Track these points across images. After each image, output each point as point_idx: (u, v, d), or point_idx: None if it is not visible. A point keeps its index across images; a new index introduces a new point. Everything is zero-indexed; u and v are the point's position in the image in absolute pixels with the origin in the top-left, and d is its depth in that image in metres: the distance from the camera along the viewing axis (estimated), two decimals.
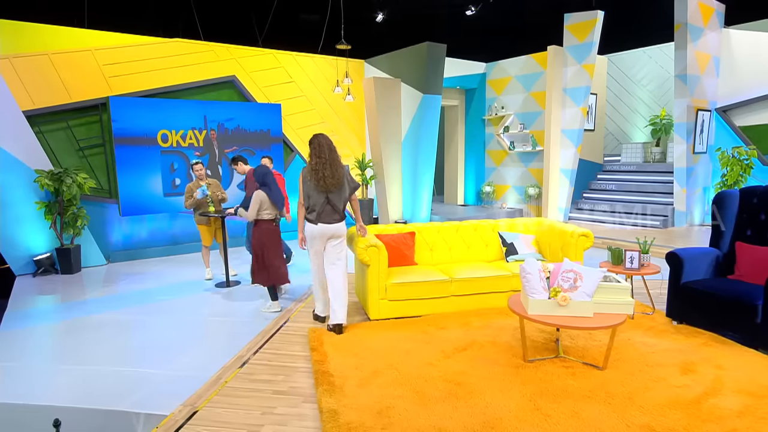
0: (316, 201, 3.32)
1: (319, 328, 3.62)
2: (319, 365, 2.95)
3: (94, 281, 5.58)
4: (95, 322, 4.10)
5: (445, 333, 3.48)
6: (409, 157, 8.39)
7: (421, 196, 8.65)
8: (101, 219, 6.54)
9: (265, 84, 7.77)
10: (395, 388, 2.66)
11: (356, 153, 8.94)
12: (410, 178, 8.47)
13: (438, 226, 4.55)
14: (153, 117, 6.57)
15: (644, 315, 3.73)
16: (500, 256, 4.51)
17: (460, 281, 3.88)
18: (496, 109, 9.85)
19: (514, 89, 9.52)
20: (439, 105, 8.37)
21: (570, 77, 8.12)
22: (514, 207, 9.79)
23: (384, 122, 7.97)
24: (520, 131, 9.40)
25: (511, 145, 9.65)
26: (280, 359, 3.17)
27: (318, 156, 3.29)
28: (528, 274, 2.91)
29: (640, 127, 10.25)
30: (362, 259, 3.67)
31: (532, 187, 9.26)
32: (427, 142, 8.41)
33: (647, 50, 9.93)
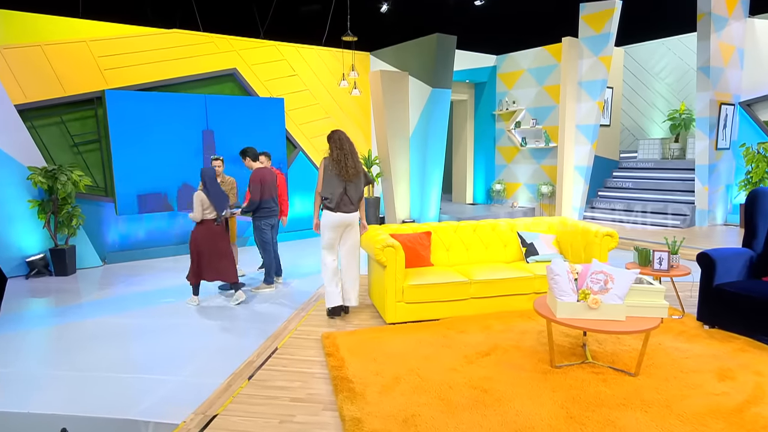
0: (335, 191, 3.63)
1: (333, 332, 3.61)
2: (337, 371, 2.94)
3: (90, 283, 5.56)
4: (92, 326, 4.08)
5: (466, 337, 3.47)
6: (417, 154, 8.38)
7: (429, 195, 8.63)
8: (97, 218, 6.51)
9: (267, 77, 7.75)
10: (419, 395, 2.64)
11: (362, 149, 8.92)
12: (418, 176, 8.46)
13: (455, 226, 4.54)
14: (151, 111, 6.54)
15: (673, 319, 3.71)
16: (519, 257, 4.50)
17: (479, 283, 3.87)
18: (507, 103, 9.84)
19: (526, 83, 9.51)
20: (449, 99, 8.36)
21: (585, 70, 8.11)
22: (526, 206, 9.79)
23: (391, 117, 7.96)
24: (532, 127, 9.38)
25: (523, 142, 9.64)
26: (295, 365, 3.16)
27: (340, 148, 3.66)
28: (556, 276, 2.89)
29: (657, 122, 10.24)
30: (379, 259, 3.66)
31: (545, 185, 9.24)
32: (436, 138, 8.39)
33: (666, 41, 9.91)
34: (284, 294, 5.00)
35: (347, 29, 7.03)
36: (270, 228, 4.96)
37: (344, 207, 3.61)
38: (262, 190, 4.78)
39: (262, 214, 4.87)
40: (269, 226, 4.94)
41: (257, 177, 4.79)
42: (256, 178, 4.79)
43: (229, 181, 5.45)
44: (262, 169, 4.91)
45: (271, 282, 5.04)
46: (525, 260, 4.38)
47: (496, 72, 10.13)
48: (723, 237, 6.87)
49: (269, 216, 4.93)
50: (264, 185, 4.82)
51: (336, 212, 3.60)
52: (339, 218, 3.63)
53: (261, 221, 4.88)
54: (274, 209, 4.95)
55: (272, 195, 4.90)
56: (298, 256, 6.67)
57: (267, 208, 4.88)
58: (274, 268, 5.07)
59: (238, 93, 7.54)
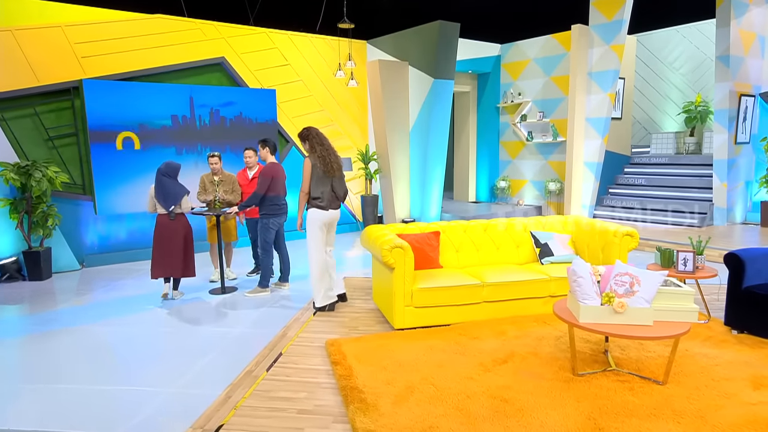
0: (324, 188, 3.81)
1: (338, 339, 3.59)
2: (345, 380, 2.92)
3: (67, 288, 5.49)
4: (70, 335, 4.02)
5: (480, 343, 3.47)
6: (417, 150, 8.37)
7: (430, 193, 8.63)
8: (74, 218, 6.42)
9: (257, 67, 7.70)
10: (435, 406, 2.63)
11: (359, 145, 8.89)
12: (419, 173, 8.46)
13: (465, 225, 4.54)
14: (132, 103, 6.47)
15: (699, 323, 3.74)
16: (533, 258, 4.51)
17: (492, 286, 3.87)
18: (512, 95, 9.86)
19: (533, 73, 9.54)
20: (452, 91, 8.35)
21: (596, 59, 8.15)
22: (533, 204, 9.82)
23: (390, 110, 7.94)
24: (539, 120, 9.41)
25: (529, 136, 9.67)
26: (299, 374, 3.13)
27: (321, 144, 3.81)
28: (579, 278, 2.89)
29: (671, 114, 10.33)
30: (386, 261, 3.64)
31: (553, 181, 9.28)
32: (438, 132, 8.38)
33: (681, 29, 9.98)
34: (280, 298, 4.97)
35: (343, 16, 7.00)
36: (277, 228, 4.93)
37: (333, 204, 3.83)
38: (271, 186, 4.75)
39: (271, 212, 4.83)
40: (277, 225, 4.91)
41: (270, 171, 4.78)
42: (268, 172, 4.77)
43: (229, 177, 5.44)
44: (276, 165, 4.88)
45: (266, 285, 5.00)
46: (539, 262, 4.38)
47: (500, 62, 10.15)
48: (744, 236, 6.94)
49: (279, 214, 4.89)
50: (275, 181, 4.79)
51: (327, 210, 3.81)
52: (330, 216, 3.87)
53: (270, 219, 4.83)
54: (284, 208, 4.92)
55: (282, 192, 4.87)
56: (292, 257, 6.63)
57: (277, 206, 4.84)
58: (270, 270, 5.03)
59: (227, 83, 7.47)
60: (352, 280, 5.46)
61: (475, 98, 10.67)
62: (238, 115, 7.35)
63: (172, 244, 4.71)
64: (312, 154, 3.75)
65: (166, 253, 4.70)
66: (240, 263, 6.28)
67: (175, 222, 4.73)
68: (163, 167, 4.70)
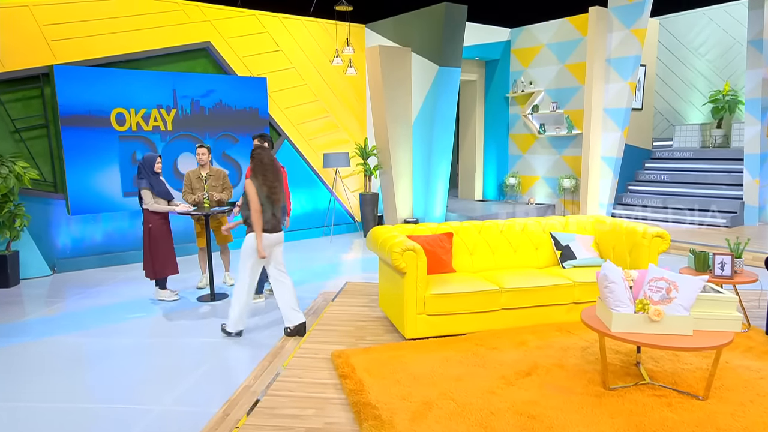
0: (267, 212, 3.99)
1: (345, 350, 3.58)
2: (356, 396, 2.91)
3: (37, 296, 5.44)
4: (41, 348, 3.98)
5: (500, 354, 3.47)
6: (420, 143, 8.37)
7: (435, 191, 8.63)
8: (44, 219, 6.36)
9: (246, 53, 7.66)
10: (457, 423, 2.62)
11: (357, 138, 8.88)
12: (422, 169, 8.46)
13: (479, 226, 4.55)
14: (109, 92, 6.42)
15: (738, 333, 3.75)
16: (553, 262, 4.52)
17: (511, 292, 3.88)
18: (522, 84, 9.88)
19: (546, 60, 9.56)
20: (458, 80, 8.35)
21: (616, 45, 8.19)
22: (545, 202, 9.86)
23: (391, 101, 7.94)
24: (552, 111, 9.43)
25: (541, 128, 9.69)
26: (305, 389, 3.12)
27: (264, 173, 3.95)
28: (611, 283, 2.90)
29: (696, 105, 10.39)
30: (397, 265, 3.64)
31: (568, 178, 9.32)
32: (443, 124, 8.38)
33: (707, 11, 10.03)
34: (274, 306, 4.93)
35: None
36: None
37: (277, 227, 4.05)
38: None
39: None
40: None
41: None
42: None
43: (218, 172, 5.42)
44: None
45: (260, 292, 4.98)
46: (561, 265, 4.40)
47: (510, 48, 10.17)
48: None
49: None
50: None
51: (271, 234, 4.00)
52: (276, 238, 4.05)
53: None
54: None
55: None
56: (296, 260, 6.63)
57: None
58: (264, 275, 5.01)
59: (213, 71, 7.43)
60: (355, 286, 5.45)
61: (483, 87, 10.68)
62: (224, 105, 7.31)
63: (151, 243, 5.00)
64: (255, 177, 3.94)
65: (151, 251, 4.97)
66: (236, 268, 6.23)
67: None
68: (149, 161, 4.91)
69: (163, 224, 4.98)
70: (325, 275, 6.11)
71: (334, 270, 6.42)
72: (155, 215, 4.91)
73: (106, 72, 6.40)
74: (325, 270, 6.39)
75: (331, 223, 8.56)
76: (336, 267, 6.61)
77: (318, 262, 6.81)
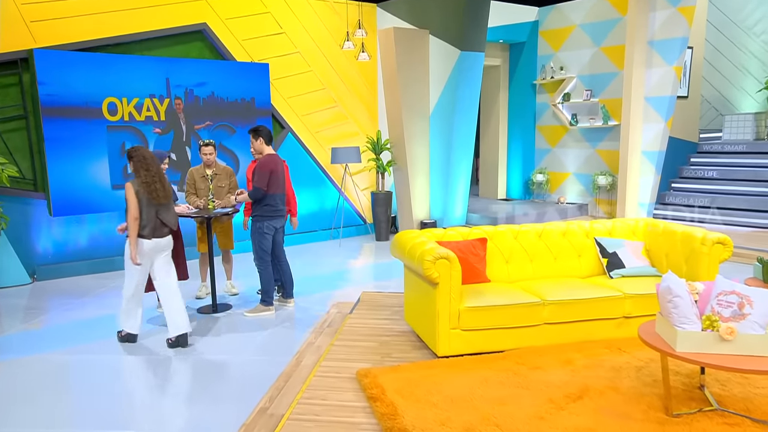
0: (148, 215, 4.23)
1: (371, 368, 3.60)
2: (390, 420, 2.93)
3: (15, 308, 5.46)
4: (21, 368, 3.98)
5: (544, 375, 3.49)
6: (439, 137, 8.39)
7: (455, 189, 8.66)
8: (24, 220, 6.39)
9: (246, 36, 7.68)
10: None
11: (368, 131, 8.90)
12: (441, 165, 8.48)
13: (515, 230, 4.57)
14: (96, 79, 6.45)
15: None
16: (598, 270, 4.54)
17: (554, 305, 3.90)
18: (552, 70, 9.88)
19: (579, 43, 9.56)
20: (482, 66, 8.38)
21: (660, 25, 8.18)
22: (576, 202, 9.88)
23: (407, 89, 7.95)
24: (585, 100, 9.44)
25: (573, 119, 9.70)
26: (330, 412, 3.14)
27: (146, 169, 4.20)
28: (675, 297, 2.91)
29: (749, 92, 10.35)
30: (429, 274, 3.65)
31: (603, 175, 9.32)
32: (465, 115, 8.40)
33: None
34: (287, 317, 4.98)
35: None
36: (273, 233, 4.94)
37: (158, 232, 4.28)
38: (270, 181, 4.79)
39: (264, 213, 4.86)
40: (273, 230, 4.92)
41: (267, 165, 4.82)
42: (265, 165, 4.80)
43: (225, 171, 5.47)
44: (273, 157, 4.91)
45: (270, 303, 5.01)
46: (607, 275, 4.41)
47: (537, 29, 10.17)
48: None
49: (273, 216, 4.91)
50: (273, 176, 4.82)
51: (150, 239, 4.24)
52: (153, 245, 4.27)
53: (263, 222, 4.87)
54: (280, 209, 4.95)
55: (280, 191, 4.92)
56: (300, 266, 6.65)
57: (271, 206, 4.87)
58: (273, 284, 5.04)
59: (209, 56, 7.46)
60: (372, 296, 5.48)
61: (507, 74, 10.68)
62: (224, 94, 7.34)
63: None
64: (136, 178, 4.19)
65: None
66: (244, 273, 6.28)
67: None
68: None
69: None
70: (335, 284, 6.14)
71: (344, 278, 6.45)
72: None
73: (92, 57, 6.44)
74: (334, 278, 6.42)
75: (339, 224, 8.58)
76: (346, 274, 6.63)
77: (326, 269, 6.84)
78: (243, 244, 7.07)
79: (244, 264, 6.52)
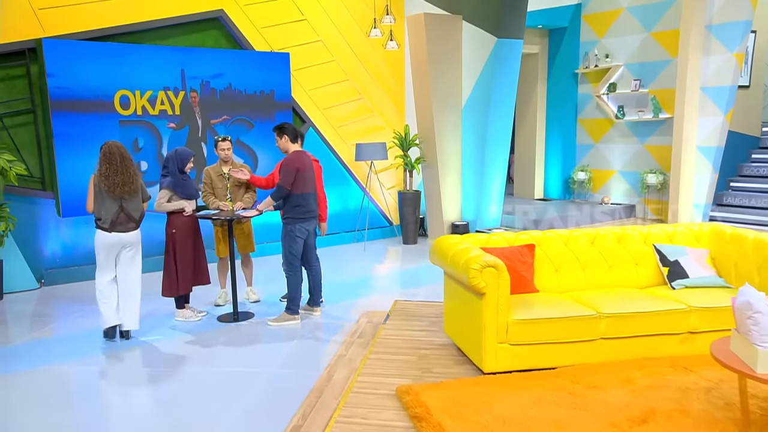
0: (109, 209, 4.55)
1: (412, 385, 3.60)
2: None
3: (23, 315, 5.54)
4: (31, 380, 4.02)
5: (602, 395, 3.46)
6: (473, 131, 8.36)
7: (489, 188, 8.63)
8: (31, 221, 6.50)
9: (265, 23, 7.73)
10: None
11: (395, 125, 8.91)
12: (474, 162, 8.45)
13: (565, 236, 4.56)
14: (108, 71, 6.55)
15: None
16: (659, 280, 4.50)
17: (612, 318, 3.87)
18: (596, 58, 9.81)
19: (626, 27, 9.46)
20: (520, 55, 8.34)
21: (719, 7, 8.04)
22: (622, 202, 9.79)
23: (438, 80, 7.93)
24: (633, 91, 9.34)
25: (620, 112, 9.61)
26: None
27: (108, 163, 4.54)
28: (756, 314, 2.86)
29: None
30: (475, 284, 3.65)
31: (653, 173, 9.22)
32: (501, 108, 8.36)
33: None
34: (314, 327, 5.02)
35: None
36: (305, 236, 4.96)
37: (119, 227, 4.59)
38: (296, 180, 4.82)
39: (295, 215, 4.88)
40: (305, 233, 4.95)
41: (294, 162, 4.85)
42: (292, 163, 4.84)
43: (242, 168, 5.49)
44: (300, 154, 4.93)
45: (296, 312, 5.05)
46: (668, 285, 4.38)
47: (580, 13, 10.10)
48: None
49: (306, 218, 4.94)
50: (300, 174, 4.84)
51: (110, 233, 4.57)
52: (112, 239, 4.60)
53: (295, 225, 4.90)
54: (312, 209, 4.97)
55: (310, 189, 4.93)
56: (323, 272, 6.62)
57: (302, 207, 4.89)
58: (300, 291, 5.08)
59: (226, 45, 7.53)
60: (406, 305, 5.49)
61: (546, 62, 10.64)
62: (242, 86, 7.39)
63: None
64: (97, 171, 4.55)
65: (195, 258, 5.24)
66: (264, 279, 6.31)
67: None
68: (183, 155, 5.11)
69: (190, 228, 5.05)
70: (361, 291, 6.17)
71: (370, 284, 6.47)
72: (180, 217, 4.99)
73: (104, 47, 6.53)
74: (359, 284, 6.45)
75: (364, 226, 8.60)
76: (373, 280, 6.65)
77: (350, 274, 6.87)
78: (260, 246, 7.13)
79: (264, 268, 6.58)
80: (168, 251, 5.02)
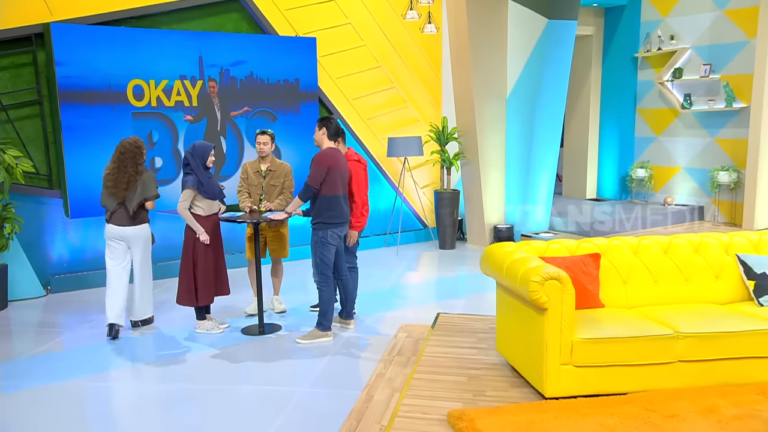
0: (109, 203, 5.25)
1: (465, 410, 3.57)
2: None
3: (29, 326, 5.61)
4: (37, 399, 4.04)
5: (682, 425, 3.39)
6: (519, 124, 8.34)
7: (536, 187, 8.60)
8: (37, 223, 6.60)
9: (289, 5, 7.77)
10: None
11: (431, 117, 8.90)
12: (520, 158, 8.44)
13: (634, 244, 4.51)
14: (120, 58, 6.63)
15: None
16: (743, 296, 4.43)
17: (691, 338, 3.80)
18: (659, 40, 9.72)
19: (694, 5, 9.36)
20: (573, 38, 8.30)
21: None
22: (689, 203, 9.68)
23: (480, 67, 7.92)
24: (703, 77, 9.23)
25: (686, 101, 9.50)
26: None
27: (112, 161, 5.24)
28: None
29: None
30: (535, 298, 3.62)
31: (725, 170, 9.09)
32: (551, 98, 8.35)
33: None
34: (348, 342, 5.02)
35: None
36: (338, 243, 4.98)
37: (116, 220, 5.15)
38: (327, 179, 4.83)
39: (327, 220, 4.90)
40: (337, 240, 4.96)
41: (326, 159, 4.88)
42: (323, 161, 4.87)
43: (282, 168, 5.59)
44: (334, 151, 4.96)
45: (328, 328, 5.06)
46: (755, 301, 4.30)
47: None
48: None
49: (338, 223, 4.95)
50: (332, 173, 4.84)
51: (108, 223, 5.21)
52: (111, 231, 5.21)
53: (327, 230, 4.91)
54: (345, 213, 5.00)
55: (340, 191, 4.94)
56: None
57: (335, 212, 4.90)
58: (333, 306, 5.09)
59: (247, 29, 7.58)
60: (450, 318, 5.47)
61: (600, 45, 10.58)
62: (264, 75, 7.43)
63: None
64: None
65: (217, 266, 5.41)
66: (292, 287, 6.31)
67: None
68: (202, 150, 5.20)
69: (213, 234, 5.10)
70: (396, 301, 6.19)
71: (405, 294, 6.48)
72: (204, 222, 5.04)
73: (117, 32, 6.61)
74: (393, 294, 6.47)
75: (397, 229, 8.60)
76: (408, 290, 6.65)
77: (383, 283, 6.88)
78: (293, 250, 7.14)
79: (292, 275, 6.59)
80: (187, 256, 5.08)
